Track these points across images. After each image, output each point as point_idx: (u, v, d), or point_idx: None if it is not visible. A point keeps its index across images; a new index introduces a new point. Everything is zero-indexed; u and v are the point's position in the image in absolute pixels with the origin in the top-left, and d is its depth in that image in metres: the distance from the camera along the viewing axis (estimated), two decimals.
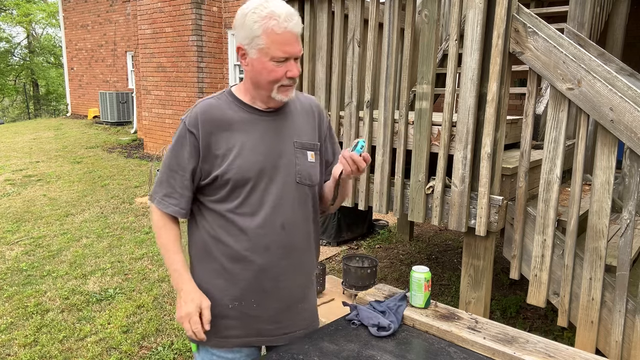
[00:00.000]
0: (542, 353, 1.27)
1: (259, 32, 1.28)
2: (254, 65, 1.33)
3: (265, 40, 1.28)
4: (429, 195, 2.59)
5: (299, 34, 1.33)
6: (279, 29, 1.27)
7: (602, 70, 2.15)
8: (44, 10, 24.23)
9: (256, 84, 1.37)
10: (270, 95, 1.36)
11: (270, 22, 1.27)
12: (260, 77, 1.34)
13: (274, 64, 1.31)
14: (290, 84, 1.36)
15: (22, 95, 26.23)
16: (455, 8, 2.37)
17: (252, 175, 1.37)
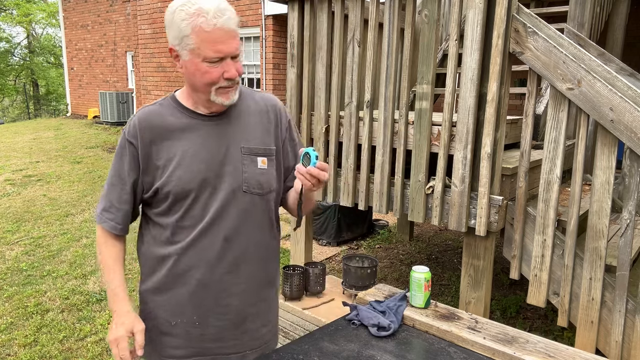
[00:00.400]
0: (542, 353, 1.27)
1: (188, 31, 1.17)
2: (187, 67, 1.23)
3: (195, 40, 1.18)
4: (429, 195, 2.59)
5: (234, 30, 1.20)
6: (208, 27, 1.16)
7: (602, 70, 2.15)
8: (44, 10, 24.23)
9: (193, 87, 1.27)
10: (210, 99, 1.26)
11: (199, 20, 1.16)
12: (195, 80, 1.24)
13: (207, 65, 1.20)
14: (230, 85, 1.25)
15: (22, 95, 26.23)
16: (455, 8, 2.37)
17: (193, 187, 1.28)
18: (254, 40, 8.58)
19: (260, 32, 8.15)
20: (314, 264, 2.93)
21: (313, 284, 2.84)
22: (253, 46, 8.63)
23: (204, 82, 1.22)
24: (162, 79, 9.19)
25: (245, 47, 8.82)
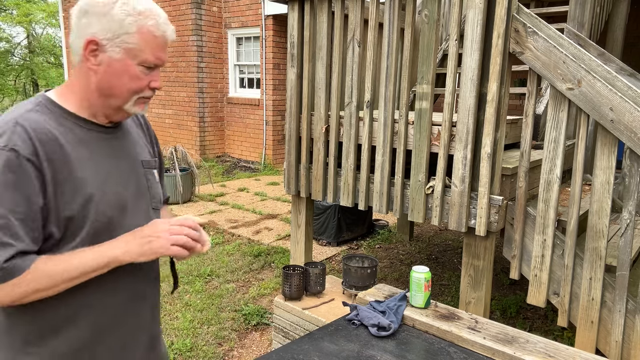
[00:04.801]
0: (542, 353, 1.27)
1: (132, 30, 1.03)
2: (113, 66, 1.04)
3: (139, 41, 1.04)
4: (429, 195, 2.59)
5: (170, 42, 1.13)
6: (158, 32, 1.07)
7: (602, 70, 2.15)
8: (44, 10, 24.24)
9: (107, 92, 1.06)
10: (123, 107, 1.09)
11: (148, 21, 1.05)
12: (119, 83, 1.05)
13: (141, 70, 1.06)
14: (150, 96, 1.12)
15: (22, 95, 26.23)
16: (455, 8, 2.37)
17: (114, 214, 1.08)
18: (254, 40, 8.58)
19: (260, 32, 8.15)
20: (314, 264, 2.93)
21: (313, 284, 2.84)
22: (253, 46, 8.64)
23: (130, 87, 1.07)
24: (162, 79, 9.21)
25: (245, 47, 8.83)
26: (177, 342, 3.02)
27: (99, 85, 1.06)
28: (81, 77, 1.07)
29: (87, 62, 1.04)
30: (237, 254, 4.51)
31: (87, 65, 1.05)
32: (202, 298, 3.62)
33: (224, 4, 8.78)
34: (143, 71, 1.07)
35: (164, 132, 9.49)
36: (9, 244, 0.94)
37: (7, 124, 0.98)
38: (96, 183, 1.06)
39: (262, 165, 8.48)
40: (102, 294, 1.09)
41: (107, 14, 1.02)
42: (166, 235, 1.06)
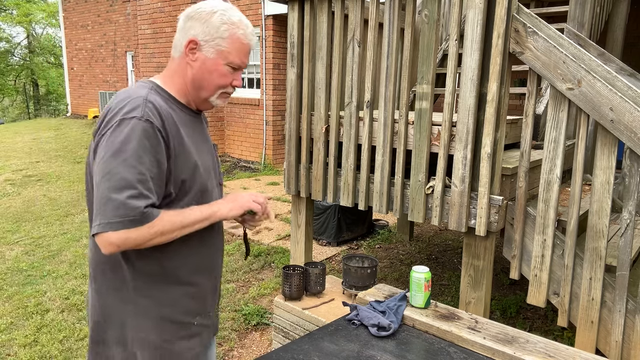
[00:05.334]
0: (542, 353, 1.27)
1: (225, 35, 1.26)
2: (206, 64, 1.27)
3: (229, 45, 1.27)
4: (429, 195, 2.59)
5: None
6: (245, 40, 1.29)
7: (602, 70, 2.15)
8: (44, 10, 24.24)
9: (199, 84, 1.29)
10: (209, 99, 1.32)
11: (239, 30, 1.27)
12: (210, 78, 1.28)
13: (227, 69, 1.29)
14: (232, 92, 1.36)
15: (22, 95, 26.23)
16: (455, 8, 2.37)
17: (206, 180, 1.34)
18: None
19: (260, 32, 8.15)
20: (314, 264, 2.93)
21: (313, 284, 2.84)
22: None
23: (217, 83, 1.29)
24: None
25: None
26: None
27: (193, 78, 1.28)
28: (180, 69, 1.29)
29: (187, 57, 1.27)
30: (237, 254, 4.51)
31: (186, 60, 1.28)
32: None
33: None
34: (229, 71, 1.29)
35: None
36: (147, 196, 1.15)
37: (137, 100, 1.20)
38: (197, 156, 1.30)
39: (262, 165, 8.48)
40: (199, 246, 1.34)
41: (208, 21, 1.25)
42: (248, 196, 1.36)
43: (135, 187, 1.13)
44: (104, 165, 1.14)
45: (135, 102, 1.19)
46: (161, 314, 1.29)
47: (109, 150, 1.15)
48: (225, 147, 9.32)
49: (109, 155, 1.14)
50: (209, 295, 1.41)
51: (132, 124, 1.16)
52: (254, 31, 1.32)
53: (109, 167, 1.14)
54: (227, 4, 1.29)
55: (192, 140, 1.29)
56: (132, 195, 1.12)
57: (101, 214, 1.13)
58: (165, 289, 1.29)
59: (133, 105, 1.18)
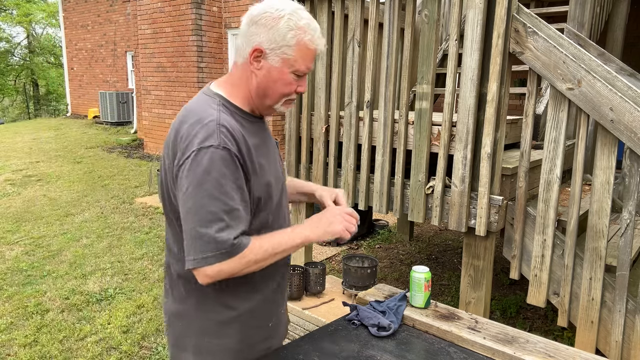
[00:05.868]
0: (542, 353, 1.27)
1: (292, 42, 1.19)
2: (271, 73, 1.22)
3: (295, 53, 1.20)
4: (429, 195, 2.59)
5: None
6: (312, 45, 1.22)
7: (602, 70, 2.15)
8: (44, 10, 24.24)
9: (264, 93, 1.25)
10: (273, 106, 1.28)
11: (306, 36, 1.20)
12: (274, 87, 1.24)
13: (293, 77, 1.23)
14: (295, 98, 1.31)
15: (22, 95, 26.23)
16: (455, 8, 2.37)
17: (273, 188, 1.31)
18: None
19: None
20: (314, 264, 2.93)
21: (313, 284, 2.84)
22: None
23: (281, 92, 1.25)
24: (162, 79, 9.18)
25: None
26: None
27: (257, 87, 1.24)
28: (244, 77, 1.25)
29: (251, 65, 1.22)
30: None
31: (250, 68, 1.23)
32: None
33: (224, 4, 8.78)
34: (294, 78, 1.24)
35: (164, 132, 9.49)
36: (235, 226, 1.14)
37: (211, 126, 1.16)
38: (268, 168, 1.28)
39: None
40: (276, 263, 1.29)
41: (274, 27, 1.18)
42: (341, 221, 1.28)
43: (222, 219, 1.13)
44: (188, 198, 1.14)
45: (209, 129, 1.16)
46: (240, 322, 1.30)
47: (192, 183, 1.14)
48: None
49: (192, 188, 1.14)
50: (278, 295, 1.41)
51: (209, 153, 1.13)
52: (321, 33, 1.24)
53: (193, 201, 1.14)
54: (295, 3, 1.22)
55: (261, 153, 1.27)
56: (220, 229, 1.13)
57: (193, 250, 1.14)
58: (245, 297, 1.30)
59: (207, 133, 1.15)
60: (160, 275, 4.01)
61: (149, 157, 9.10)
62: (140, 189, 6.97)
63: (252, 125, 1.27)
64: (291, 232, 1.25)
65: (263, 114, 1.32)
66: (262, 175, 1.24)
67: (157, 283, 3.87)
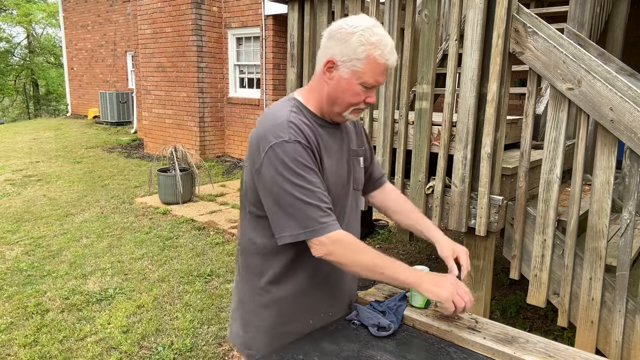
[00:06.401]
0: (542, 353, 1.27)
1: (362, 56, 1.27)
2: (341, 83, 1.32)
3: (364, 66, 1.28)
4: (429, 195, 2.59)
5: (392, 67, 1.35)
6: (382, 60, 1.29)
7: (602, 70, 2.15)
8: (44, 10, 24.23)
9: (333, 101, 1.35)
10: (342, 114, 1.37)
11: (376, 51, 1.27)
12: (343, 96, 1.33)
13: (361, 88, 1.32)
14: (365, 108, 1.39)
15: (22, 95, 26.23)
16: (455, 8, 2.37)
17: (338, 186, 1.42)
18: (254, 40, 8.58)
19: (260, 32, 8.15)
20: None
21: None
22: (253, 46, 8.64)
23: (350, 101, 1.34)
24: (162, 79, 9.18)
25: (245, 47, 8.83)
26: (177, 342, 3.02)
27: (328, 95, 1.35)
28: (318, 86, 1.37)
29: (324, 75, 1.34)
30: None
31: (323, 78, 1.34)
32: (202, 298, 3.62)
33: (224, 4, 8.78)
34: (362, 89, 1.32)
35: (164, 132, 9.49)
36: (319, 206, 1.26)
37: (282, 125, 1.30)
38: (330, 168, 1.38)
39: None
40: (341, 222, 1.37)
41: (347, 42, 1.28)
42: (452, 292, 1.28)
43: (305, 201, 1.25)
44: (273, 186, 1.28)
45: (280, 126, 1.30)
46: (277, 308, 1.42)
47: (272, 174, 1.27)
48: (225, 147, 9.32)
49: (273, 178, 1.27)
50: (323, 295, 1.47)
51: (284, 147, 1.27)
52: (393, 49, 1.31)
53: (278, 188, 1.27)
54: (371, 20, 1.29)
55: (327, 153, 1.38)
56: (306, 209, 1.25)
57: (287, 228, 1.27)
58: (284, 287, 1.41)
59: (279, 129, 1.29)
60: (160, 275, 4.02)
61: (149, 157, 9.10)
62: (140, 189, 6.97)
63: (322, 128, 1.39)
64: (399, 265, 1.31)
65: (333, 120, 1.41)
66: (324, 170, 1.35)
67: (157, 283, 3.87)
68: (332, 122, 1.42)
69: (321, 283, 1.45)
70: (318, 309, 1.46)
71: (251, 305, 1.45)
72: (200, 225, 5.35)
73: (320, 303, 1.46)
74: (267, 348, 1.40)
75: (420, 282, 1.29)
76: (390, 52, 1.29)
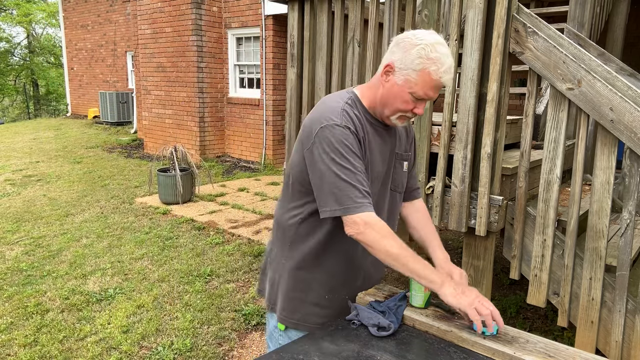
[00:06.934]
0: (542, 353, 1.27)
1: (418, 68, 1.34)
2: (393, 88, 1.39)
3: (417, 77, 1.35)
4: (429, 195, 2.59)
5: (445, 85, 1.40)
6: (435, 76, 1.34)
7: (602, 70, 2.15)
8: (44, 10, 24.23)
9: (384, 103, 1.43)
10: (390, 117, 1.44)
11: (432, 66, 1.33)
12: (393, 101, 1.40)
13: (410, 98, 1.38)
14: (412, 116, 1.45)
15: (22, 95, 26.22)
16: (455, 8, 2.37)
17: (376, 181, 1.49)
18: (254, 40, 8.58)
19: (260, 32, 8.15)
20: None
21: None
22: (253, 46, 8.64)
23: (398, 107, 1.41)
24: (162, 79, 9.18)
25: (245, 47, 8.83)
26: (177, 342, 3.02)
27: (381, 96, 1.43)
28: (375, 85, 1.45)
29: (382, 77, 1.42)
30: (237, 254, 4.51)
31: (381, 79, 1.42)
32: (202, 298, 3.62)
33: (224, 4, 8.78)
34: (412, 99, 1.38)
35: (164, 132, 9.49)
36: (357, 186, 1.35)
37: (336, 110, 1.41)
38: (372, 159, 1.46)
39: (262, 165, 8.48)
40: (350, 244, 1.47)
41: (408, 52, 1.35)
42: (474, 300, 1.32)
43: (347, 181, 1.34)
44: (320, 164, 1.37)
45: (334, 112, 1.40)
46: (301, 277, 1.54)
47: (320, 153, 1.37)
48: (225, 147, 9.32)
49: (320, 156, 1.37)
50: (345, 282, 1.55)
51: (334, 130, 1.37)
52: (450, 69, 1.35)
53: (324, 166, 1.36)
54: (438, 38, 1.35)
55: (370, 148, 1.45)
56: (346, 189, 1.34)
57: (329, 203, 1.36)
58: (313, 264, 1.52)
59: (332, 114, 1.40)
60: (160, 275, 4.02)
61: (149, 157, 9.10)
62: (140, 189, 6.97)
63: (370, 125, 1.47)
64: (425, 262, 1.36)
65: (383, 120, 1.48)
66: (367, 158, 1.43)
67: (157, 283, 3.87)
68: (381, 121, 1.49)
69: (342, 266, 1.53)
70: (333, 287, 1.55)
71: (278, 266, 1.59)
72: (200, 225, 5.35)
73: (336, 281, 1.55)
74: (285, 307, 1.55)
75: (442, 284, 1.33)
76: (446, 71, 1.35)
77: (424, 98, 1.39)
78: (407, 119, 1.46)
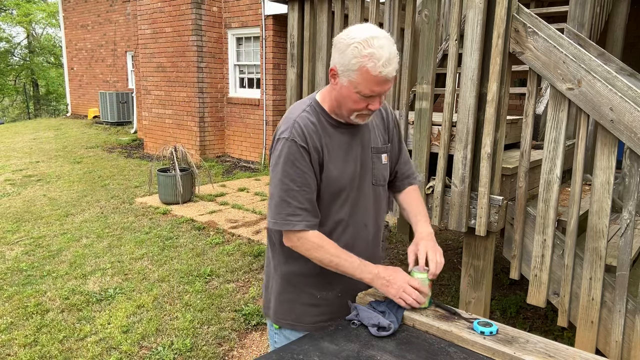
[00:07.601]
0: (542, 353, 1.27)
1: (355, 68, 1.33)
2: (342, 90, 1.40)
3: (357, 77, 1.34)
4: (429, 195, 2.59)
5: (392, 77, 1.36)
6: (374, 72, 1.32)
7: (602, 70, 2.15)
8: (44, 10, 24.23)
9: (339, 105, 1.45)
10: (349, 117, 1.45)
11: (368, 63, 1.31)
12: (344, 102, 1.42)
13: (359, 97, 1.38)
14: (370, 113, 1.44)
15: (22, 95, 26.22)
16: (455, 8, 2.37)
17: (345, 184, 1.50)
18: (254, 40, 8.58)
19: (260, 32, 8.15)
20: None
21: None
22: (253, 46, 8.64)
23: (350, 107, 1.41)
24: (162, 79, 9.18)
25: (245, 47, 8.83)
26: (177, 342, 3.02)
27: (335, 99, 1.45)
28: (330, 89, 1.47)
29: (331, 82, 1.43)
30: (237, 254, 4.51)
31: (331, 84, 1.44)
32: (202, 298, 3.62)
33: (224, 4, 8.78)
34: (360, 98, 1.38)
35: (164, 132, 9.50)
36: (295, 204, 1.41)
37: (289, 122, 1.45)
38: (336, 160, 1.48)
39: (262, 165, 8.48)
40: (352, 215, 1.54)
41: (343, 53, 1.35)
42: (399, 289, 1.41)
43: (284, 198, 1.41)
44: (271, 178, 1.46)
45: (287, 123, 1.45)
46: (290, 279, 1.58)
47: (271, 163, 1.47)
48: (225, 147, 9.32)
49: (272, 167, 1.46)
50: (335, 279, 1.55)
51: (283, 144, 1.43)
52: (389, 61, 1.32)
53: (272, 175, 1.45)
54: (371, 31, 1.33)
55: (333, 150, 1.48)
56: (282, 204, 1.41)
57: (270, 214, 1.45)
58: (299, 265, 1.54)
59: (285, 127, 1.45)
60: (160, 275, 4.02)
61: (149, 157, 9.10)
62: (140, 189, 6.97)
63: (334, 128, 1.49)
64: (359, 263, 1.43)
65: (344, 120, 1.49)
66: (327, 166, 1.46)
67: (157, 283, 3.87)
68: (345, 122, 1.49)
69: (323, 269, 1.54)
70: (324, 285, 1.57)
71: (269, 270, 1.64)
72: (200, 225, 5.35)
73: (325, 280, 1.56)
74: (277, 310, 1.59)
75: (373, 279, 1.43)
76: (385, 64, 1.31)
77: (372, 95, 1.38)
78: (366, 116, 1.46)
